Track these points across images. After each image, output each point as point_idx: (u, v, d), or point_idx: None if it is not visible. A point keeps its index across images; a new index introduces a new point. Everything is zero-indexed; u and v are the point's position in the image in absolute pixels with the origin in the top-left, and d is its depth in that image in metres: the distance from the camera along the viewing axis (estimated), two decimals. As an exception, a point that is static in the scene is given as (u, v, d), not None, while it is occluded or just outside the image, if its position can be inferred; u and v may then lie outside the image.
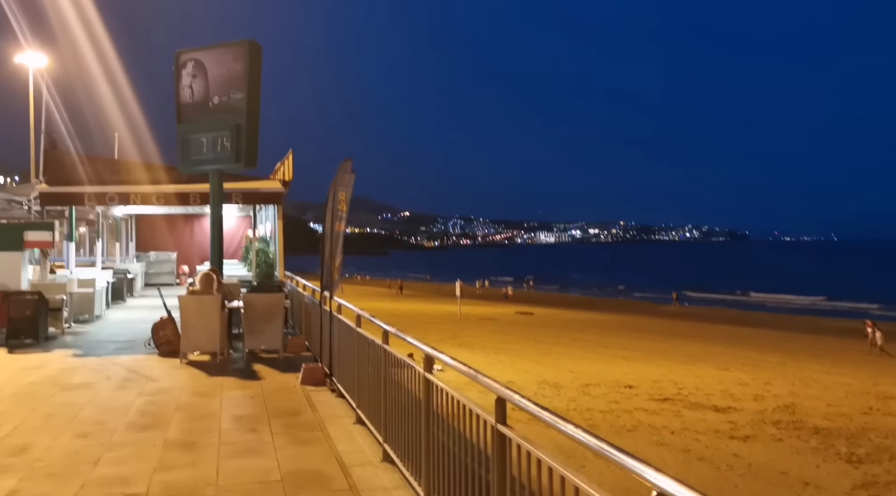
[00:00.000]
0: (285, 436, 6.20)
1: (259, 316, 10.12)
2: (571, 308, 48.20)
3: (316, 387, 8.19)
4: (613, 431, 13.33)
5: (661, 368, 21.14)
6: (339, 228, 8.39)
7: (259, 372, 9.47)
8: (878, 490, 10.14)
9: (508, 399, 2.82)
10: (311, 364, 8.64)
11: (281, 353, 10.56)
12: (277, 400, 7.68)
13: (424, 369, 4.08)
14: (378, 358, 5.40)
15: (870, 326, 29.05)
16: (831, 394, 17.65)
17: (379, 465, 5.32)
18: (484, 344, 25.82)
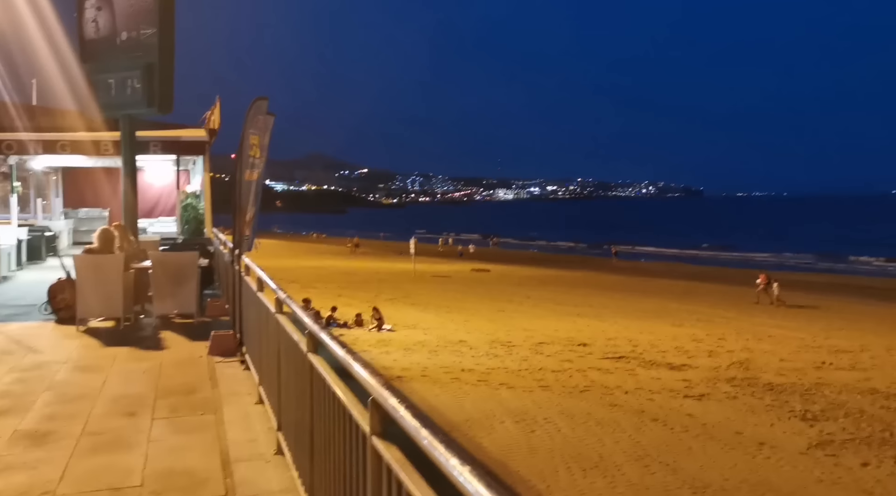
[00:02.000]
0: (167, 423, 5.25)
1: (169, 277, 9.09)
2: (528, 265, 47.78)
3: (225, 359, 7.26)
4: (566, 392, 12.81)
5: (615, 325, 20.75)
6: (251, 177, 7.38)
7: (165, 340, 8.49)
8: (834, 449, 9.76)
9: (382, 403, 1.94)
10: (222, 331, 7.68)
11: (196, 318, 9.56)
12: (175, 374, 6.72)
13: (307, 349, 3.17)
14: (272, 328, 4.48)
15: (762, 278, 29.01)
16: (784, 348, 17.41)
17: (271, 460, 4.42)
18: (437, 302, 25.17)
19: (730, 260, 59.75)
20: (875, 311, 25.87)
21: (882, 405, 12.08)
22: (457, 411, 11.46)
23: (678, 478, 8.64)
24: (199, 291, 9.58)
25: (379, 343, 17.25)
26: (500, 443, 9.92)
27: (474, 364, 15.05)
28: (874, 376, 14.34)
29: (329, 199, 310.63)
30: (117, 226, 9.88)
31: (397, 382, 13.33)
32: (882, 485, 8.44)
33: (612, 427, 10.70)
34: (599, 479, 8.58)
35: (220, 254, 11.26)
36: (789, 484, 8.49)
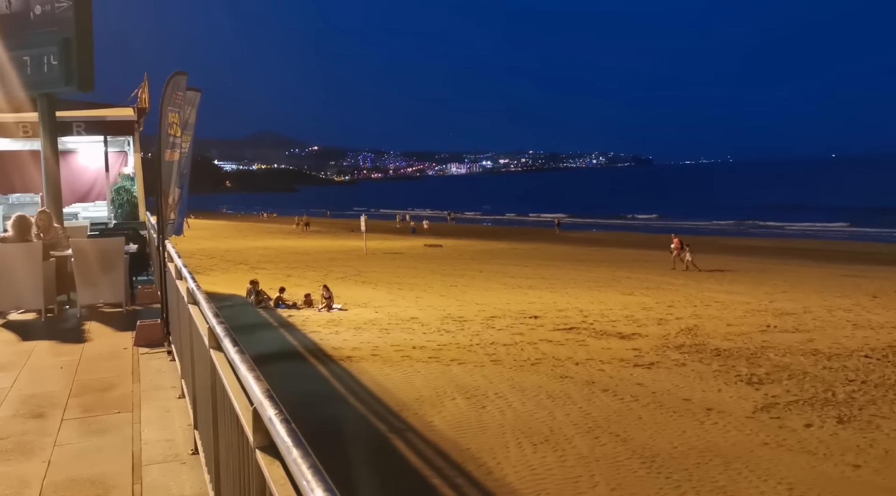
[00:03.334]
0: (78, 424, 4.87)
1: (93, 265, 8.59)
2: (481, 238, 47.77)
3: (152, 350, 6.87)
4: (517, 366, 12.75)
5: (566, 296, 20.80)
6: (172, 157, 6.94)
7: (89, 332, 8.04)
8: (779, 411, 9.86)
9: (261, 414, 1.67)
10: (149, 321, 7.27)
11: (125, 307, 9.10)
12: (94, 369, 6.32)
13: (210, 344, 2.87)
14: (186, 319, 4.15)
15: (676, 243, 29.36)
16: (731, 313, 17.65)
17: (187, 461, 4.10)
18: (389, 279, 24.91)
19: (678, 227, 60.71)
20: (817, 272, 26.47)
21: (824, 365, 12.28)
22: (407, 390, 11.28)
23: (628, 447, 8.61)
24: (127, 278, 9.12)
25: (329, 323, 16.95)
26: (450, 420, 9.78)
27: (426, 341, 14.89)
28: (817, 337, 14.61)
29: (280, 177, 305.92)
30: (41, 212, 9.32)
31: (347, 362, 13.10)
32: (825, 445, 8.53)
33: (563, 399, 10.65)
34: (550, 453, 8.49)
35: (152, 239, 10.76)
36: (736, 448, 8.52)
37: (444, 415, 9.97)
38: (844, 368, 12.08)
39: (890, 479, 7.53)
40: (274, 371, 12.43)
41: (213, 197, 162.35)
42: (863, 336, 14.66)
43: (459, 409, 10.26)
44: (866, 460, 8.06)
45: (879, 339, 14.29)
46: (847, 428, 9.13)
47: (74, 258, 8.66)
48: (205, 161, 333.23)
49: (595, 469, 8.01)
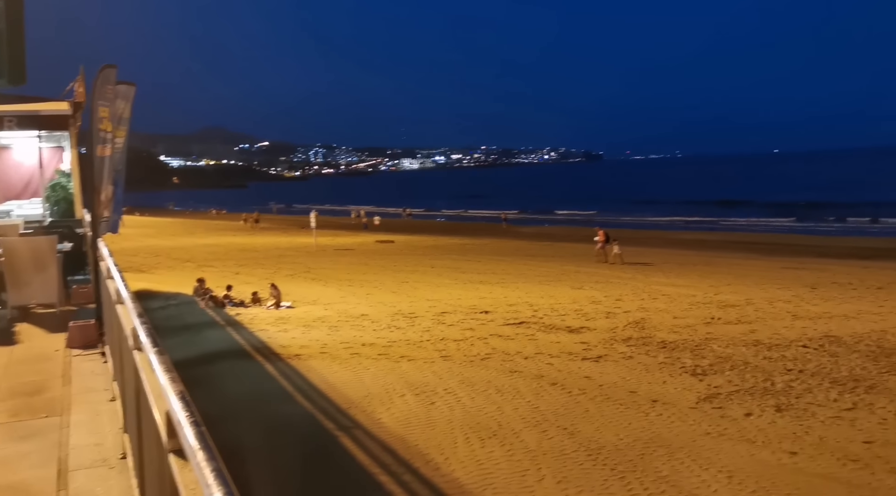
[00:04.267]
0: (3, 430, 4.67)
1: (24, 264, 8.28)
2: (433, 234, 47.75)
3: (85, 351, 6.66)
4: (467, 361, 12.77)
5: (517, 291, 20.93)
6: (104, 153, 6.71)
7: (20, 334, 7.75)
8: (721, 401, 10.09)
9: (172, 416, 1.60)
10: (82, 321, 7.04)
11: (59, 308, 8.81)
12: (22, 372, 6.09)
13: (133, 345, 2.76)
14: (115, 319, 4.01)
15: (601, 236, 29.86)
16: (677, 306, 17.98)
17: (115, 466, 3.96)
18: (339, 276, 24.71)
19: (628, 223, 61.62)
20: (760, 265, 27.15)
21: (765, 356, 12.61)
22: (356, 387, 11.21)
23: (575, 441, 8.70)
24: (61, 278, 8.82)
25: (277, 321, 16.73)
26: (399, 417, 9.74)
27: (375, 338, 14.82)
28: (758, 328, 14.98)
29: (229, 173, 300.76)
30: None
31: (295, 361, 12.95)
32: (764, 434, 8.75)
33: (512, 394, 10.71)
34: (498, 448, 8.53)
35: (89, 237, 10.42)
36: (679, 438, 8.68)
37: (393, 412, 9.93)
38: (783, 358, 12.42)
39: (823, 465, 7.77)
40: (219, 370, 12.21)
41: (159, 193, 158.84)
42: (801, 326, 15.09)
43: (408, 406, 10.23)
44: (802, 447, 8.29)
45: (816, 329, 14.73)
46: (784, 416, 9.38)
47: (4, 257, 8.34)
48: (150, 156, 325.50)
49: (542, 462, 8.07)
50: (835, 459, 7.91)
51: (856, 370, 11.53)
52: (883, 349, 12.92)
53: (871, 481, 7.35)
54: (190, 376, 11.50)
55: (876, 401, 9.91)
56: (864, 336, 14.01)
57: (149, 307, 17.70)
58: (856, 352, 12.68)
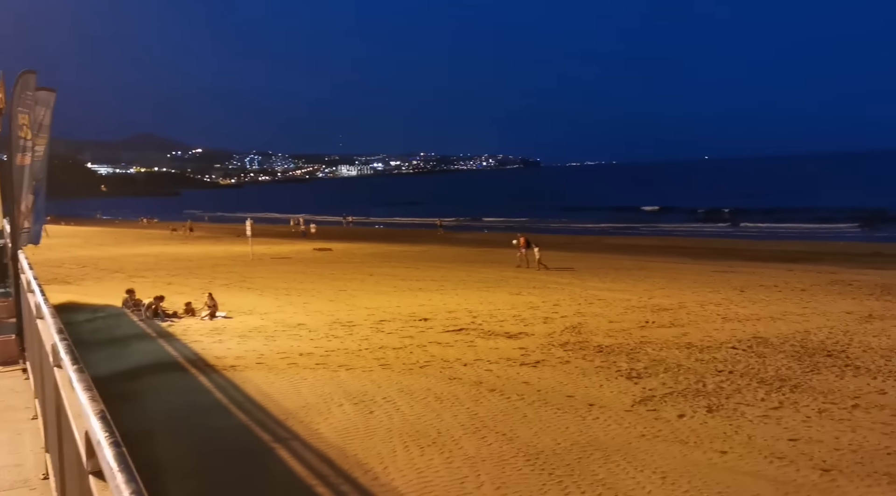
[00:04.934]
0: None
1: (-61, 278, 7.90)
2: (372, 241, 47.50)
3: (6, 368, 6.37)
4: (406, 369, 12.74)
5: (456, 297, 21.00)
6: (23, 161, 6.43)
7: (-66, 351, 7.39)
8: (655, 403, 10.31)
9: (91, 436, 1.53)
10: (3, 336, 6.73)
11: (-23, 322, 8.42)
12: (-64, 392, 5.79)
13: (53, 362, 2.65)
14: (36, 334, 3.84)
15: (521, 241, 30.17)
16: (613, 310, 18.33)
17: (37, 487, 3.78)
18: (276, 285, 24.34)
19: (563, 229, 62.60)
20: (691, 269, 27.92)
21: (697, 358, 12.96)
22: (293, 398, 11.05)
23: (513, 446, 8.75)
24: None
25: (212, 332, 16.37)
26: (337, 427, 9.64)
27: (313, 347, 14.65)
28: (690, 331, 15.40)
29: (161, 181, 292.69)
30: None
31: (230, 372, 12.69)
32: (696, 434, 8.98)
33: (451, 401, 10.72)
34: (437, 456, 8.51)
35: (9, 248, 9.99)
36: (615, 441, 8.83)
37: (331, 422, 9.82)
38: (714, 360, 12.78)
39: (752, 464, 8.02)
40: (150, 384, 11.86)
41: (86, 202, 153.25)
42: (731, 328, 15.57)
43: (347, 416, 10.13)
44: (732, 446, 8.54)
45: (745, 331, 15.23)
46: (715, 416, 9.65)
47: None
48: (77, 164, 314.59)
49: (481, 469, 8.09)
50: (762, 457, 8.17)
51: (782, 370, 11.95)
52: (806, 349, 13.44)
53: (797, 478, 7.62)
54: (117, 391, 11.16)
55: (800, 400, 10.29)
56: (789, 336, 14.55)
57: (74, 320, 17.06)
58: (782, 353, 13.15)
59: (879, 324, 15.72)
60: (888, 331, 14.94)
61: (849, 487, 7.35)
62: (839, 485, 7.40)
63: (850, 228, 50.95)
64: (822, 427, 9.14)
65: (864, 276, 23.95)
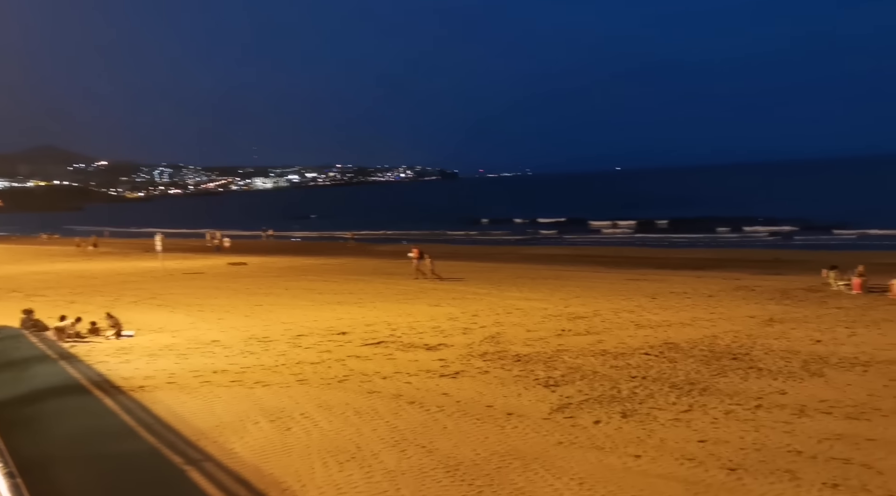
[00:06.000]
0: None
1: None
2: (289, 255, 46.70)
3: None
4: (324, 384, 12.56)
5: (375, 310, 20.87)
6: None
7: None
8: (572, 410, 10.50)
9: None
10: None
11: None
12: None
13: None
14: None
15: (415, 252, 30.39)
16: (530, 319, 18.60)
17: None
18: (188, 301, 23.59)
19: (482, 239, 63.25)
20: (606, 278, 28.65)
21: (611, 365, 13.28)
22: (206, 417, 10.72)
23: (433, 458, 8.73)
24: None
25: (119, 351, 15.72)
26: (253, 445, 9.41)
27: (228, 364, 14.27)
28: (605, 338, 15.78)
29: (62, 195, 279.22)
30: None
31: (139, 393, 12.22)
32: (611, 440, 9.19)
33: (370, 415, 10.63)
34: (356, 470, 8.41)
35: None
36: (534, 449, 8.94)
37: (247, 441, 9.58)
38: (628, 366, 13.14)
39: (664, 466, 8.26)
40: (51, 408, 11.27)
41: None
42: (644, 335, 16.05)
43: (263, 433, 9.90)
44: (645, 450, 8.78)
45: (657, 337, 15.73)
46: (630, 421, 9.91)
47: None
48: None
49: (401, 482, 8.04)
50: (674, 459, 8.43)
51: (691, 374, 12.39)
52: (714, 353, 14.00)
53: (705, 478, 7.90)
54: (14, 417, 10.57)
55: (709, 403, 10.69)
56: (698, 341, 15.11)
57: (-33, 342, 16.04)
58: (691, 358, 13.65)
59: (779, 327, 16.54)
60: (787, 333, 15.73)
61: (753, 485, 7.67)
62: (745, 484, 7.71)
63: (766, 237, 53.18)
64: (728, 428, 9.51)
65: (766, 282, 25.16)
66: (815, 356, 13.43)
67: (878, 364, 12.73)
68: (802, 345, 14.51)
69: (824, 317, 17.63)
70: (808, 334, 15.57)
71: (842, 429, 9.33)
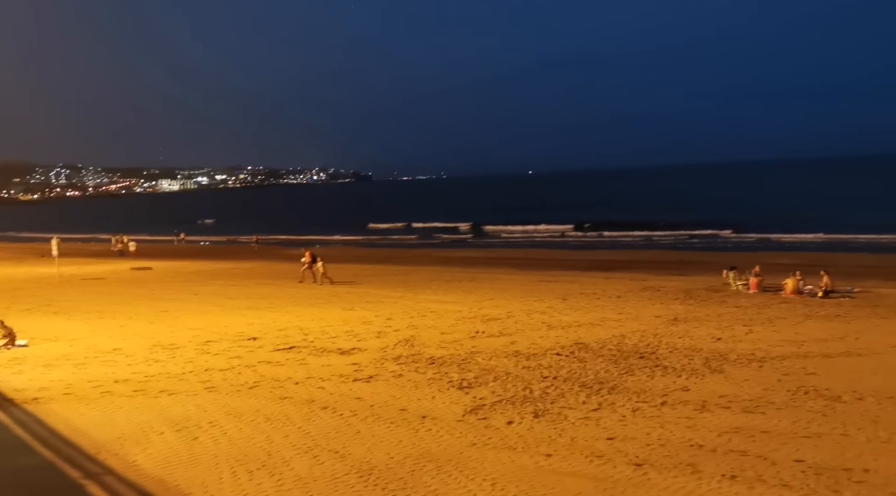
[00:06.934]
0: None
1: None
2: (197, 259, 45.28)
3: None
4: (234, 391, 12.23)
5: (287, 315, 20.49)
6: None
7: None
8: (486, 412, 10.59)
9: None
10: None
11: None
12: None
13: None
14: None
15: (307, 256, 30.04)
16: (444, 322, 18.68)
17: None
18: (87, 308, 22.51)
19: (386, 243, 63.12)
20: (519, 279, 29.08)
21: (524, 365, 13.49)
22: (107, 429, 10.26)
23: (346, 463, 8.63)
24: None
25: (10, 362, 14.84)
26: (157, 456, 9.05)
27: (130, 373, 13.69)
28: (518, 340, 16.01)
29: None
30: None
31: (32, 405, 11.58)
32: (523, 440, 9.32)
33: (282, 421, 10.43)
34: (267, 479, 8.21)
35: None
36: (447, 451, 8.96)
37: (151, 452, 9.21)
38: (540, 366, 13.37)
39: (574, 464, 8.44)
40: (-67, 424, 10.48)
41: None
42: (555, 335, 16.38)
43: (168, 444, 9.54)
44: (556, 449, 8.95)
45: (568, 337, 16.08)
46: (541, 421, 10.08)
47: None
48: None
49: (313, 489, 7.91)
50: (584, 457, 8.62)
51: (601, 373, 12.72)
52: (622, 352, 14.42)
53: (613, 474, 8.11)
54: None
55: (617, 401, 11.00)
56: (607, 341, 15.54)
57: None
58: (601, 357, 14.02)
59: (683, 326, 17.21)
60: (690, 332, 16.39)
61: (658, 479, 7.93)
62: (650, 478, 7.96)
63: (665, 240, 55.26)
64: (635, 425, 9.81)
65: (671, 283, 26.17)
66: (716, 353, 14.04)
67: (773, 359, 13.43)
68: (704, 343, 15.15)
69: (724, 316, 18.48)
70: (709, 332, 16.27)
71: (739, 422, 9.78)
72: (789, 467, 8.13)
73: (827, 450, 8.68)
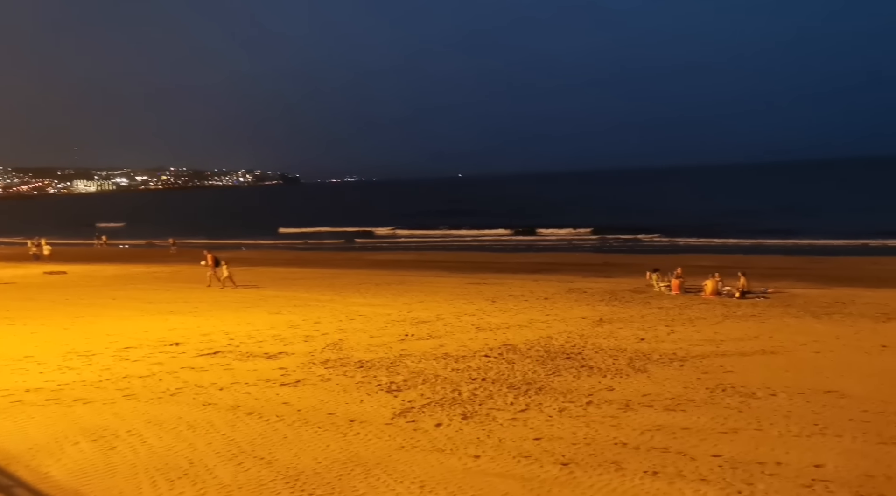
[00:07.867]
0: None
1: None
2: (115, 262, 43.66)
3: None
4: (154, 399, 11.83)
5: (212, 319, 19.97)
6: None
7: None
8: (414, 415, 10.57)
9: None
10: None
11: None
12: None
13: None
14: None
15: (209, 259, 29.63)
16: (373, 325, 18.56)
17: None
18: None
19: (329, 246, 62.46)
20: (448, 282, 29.19)
21: (453, 368, 13.52)
22: (17, 440, 9.77)
23: (272, 470, 8.47)
24: None
25: None
26: (72, 467, 8.67)
27: (43, 381, 13.08)
28: (447, 342, 16.05)
29: None
30: None
31: (-66, 418, 10.85)
32: (452, 442, 9.34)
33: (206, 428, 10.14)
34: (189, 488, 7.97)
35: None
36: (376, 455, 8.90)
37: (65, 463, 8.82)
38: (469, 368, 13.43)
39: (502, 465, 8.51)
40: None
41: None
42: (484, 337, 16.49)
43: (83, 454, 9.15)
44: (484, 450, 9.00)
45: (496, 339, 16.22)
46: (470, 423, 10.12)
47: None
48: None
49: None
50: (511, 458, 8.70)
51: (528, 374, 12.88)
52: (549, 353, 14.64)
53: (540, 474, 8.22)
54: None
55: (544, 401, 11.15)
56: (534, 342, 15.75)
57: None
58: (528, 358, 14.19)
59: (608, 327, 17.61)
60: (615, 333, 16.78)
61: (583, 478, 8.07)
62: (576, 477, 8.10)
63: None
64: (562, 424, 9.97)
65: (596, 284, 26.75)
66: (640, 353, 14.41)
67: (693, 358, 13.89)
68: (628, 343, 15.53)
69: (647, 317, 19.00)
70: (633, 333, 16.69)
71: (661, 420, 10.06)
72: (707, 462, 8.41)
73: (742, 444, 9.02)
